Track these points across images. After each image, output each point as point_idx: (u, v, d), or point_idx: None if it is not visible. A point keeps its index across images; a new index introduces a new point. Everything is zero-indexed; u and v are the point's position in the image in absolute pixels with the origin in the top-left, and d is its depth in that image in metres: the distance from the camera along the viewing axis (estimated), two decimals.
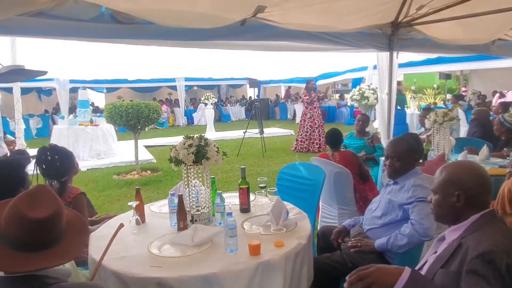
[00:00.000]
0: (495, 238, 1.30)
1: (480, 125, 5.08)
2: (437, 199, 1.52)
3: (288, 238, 1.90)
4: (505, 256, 1.23)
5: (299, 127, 8.85)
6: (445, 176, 1.50)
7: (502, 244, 1.27)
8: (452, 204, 1.45)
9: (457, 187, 1.44)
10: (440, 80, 16.91)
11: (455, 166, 1.53)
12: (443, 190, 1.49)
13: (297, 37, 3.63)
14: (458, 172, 1.48)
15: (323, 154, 3.62)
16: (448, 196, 1.46)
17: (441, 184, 1.50)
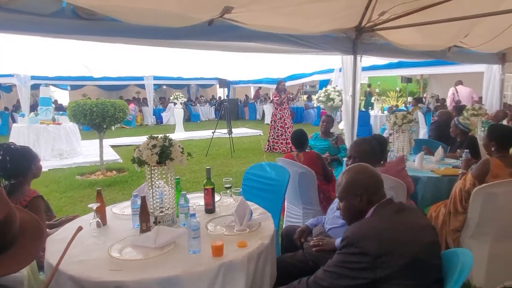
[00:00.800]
0: (360, 225, 1.56)
1: (439, 127, 5.33)
2: (344, 205, 1.74)
3: (251, 238, 1.93)
4: (362, 240, 1.45)
5: (270, 127, 8.93)
6: (346, 182, 1.72)
7: (364, 230, 1.52)
8: (357, 205, 1.68)
9: (358, 189, 1.68)
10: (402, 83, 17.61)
11: (351, 171, 1.76)
12: (347, 195, 1.71)
13: (264, 39, 3.67)
14: (355, 175, 1.72)
15: (288, 155, 3.68)
16: (353, 199, 1.69)
17: (344, 190, 1.72)
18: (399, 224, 1.54)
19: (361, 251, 1.44)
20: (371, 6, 4.02)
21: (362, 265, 1.43)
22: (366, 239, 1.46)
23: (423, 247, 1.46)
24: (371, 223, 1.58)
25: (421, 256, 1.43)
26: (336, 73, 10.43)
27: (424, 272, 1.44)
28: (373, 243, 1.44)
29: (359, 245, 1.45)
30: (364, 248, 1.43)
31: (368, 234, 1.48)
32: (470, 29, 5.71)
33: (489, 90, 8.53)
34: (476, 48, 6.49)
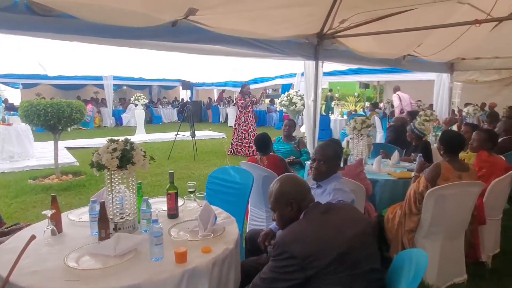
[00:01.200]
0: (288, 231, 1.65)
1: (395, 131, 5.59)
2: (278, 215, 1.82)
3: (215, 243, 1.91)
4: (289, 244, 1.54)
5: (234, 130, 8.91)
6: (275, 194, 1.80)
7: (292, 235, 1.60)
8: (289, 213, 1.77)
9: (287, 198, 1.76)
10: (360, 89, 18.32)
11: (278, 183, 1.83)
12: (279, 205, 1.79)
13: (228, 42, 3.68)
14: (282, 186, 1.80)
15: (252, 158, 3.70)
16: (284, 208, 1.77)
17: (275, 201, 1.80)
18: (325, 224, 1.65)
19: (290, 255, 1.52)
20: (333, 14, 4.15)
21: (293, 267, 1.52)
22: (293, 243, 1.55)
23: (348, 240, 1.56)
24: (297, 227, 1.67)
25: (347, 249, 1.53)
26: (298, 77, 10.66)
27: (354, 264, 1.54)
28: (299, 246, 1.53)
29: (287, 249, 1.54)
30: (292, 252, 1.52)
31: (294, 238, 1.58)
32: (423, 39, 6.06)
33: (439, 97, 9.10)
34: (428, 57, 6.91)
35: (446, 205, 2.72)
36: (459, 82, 10.45)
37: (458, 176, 2.82)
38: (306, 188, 1.84)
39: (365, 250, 1.61)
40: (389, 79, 13.09)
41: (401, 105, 10.41)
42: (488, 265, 3.25)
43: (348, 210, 1.82)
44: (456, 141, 2.97)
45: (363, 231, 1.66)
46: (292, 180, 1.86)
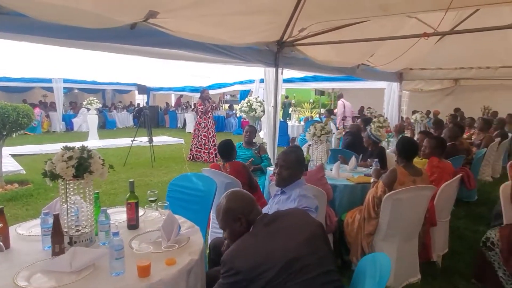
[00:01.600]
0: (231, 248, 1.65)
1: (352, 137, 5.79)
2: (228, 232, 1.82)
3: (180, 254, 1.85)
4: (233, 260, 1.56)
5: (193, 136, 8.78)
6: (223, 211, 1.80)
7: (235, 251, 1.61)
8: (239, 229, 1.76)
9: (235, 214, 1.76)
10: (316, 96, 18.86)
11: (224, 199, 1.84)
12: (227, 223, 1.79)
13: (189, 47, 3.62)
14: (228, 202, 1.81)
15: (215, 165, 3.65)
16: (234, 225, 1.77)
17: (224, 219, 1.80)
18: (269, 234, 1.67)
19: (236, 271, 1.54)
20: (292, 22, 4.23)
21: (241, 283, 1.54)
22: (236, 258, 1.57)
23: (295, 247, 1.59)
24: (240, 242, 1.67)
25: (294, 256, 1.56)
26: (256, 84, 10.73)
27: (304, 270, 1.56)
28: (242, 261, 1.55)
29: (232, 265, 1.55)
30: (237, 268, 1.54)
31: (237, 253, 1.60)
32: (375, 50, 6.38)
33: (389, 105, 9.61)
34: (380, 67, 7.27)
35: (402, 208, 2.85)
36: (406, 91, 11.12)
37: (413, 181, 2.97)
38: (252, 200, 1.84)
39: (315, 254, 1.63)
40: (344, 86, 13.60)
41: (344, 111, 10.90)
42: (438, 264, 3.44)
43: (296, 216, 1.84)
44: (411, 147, 3.13)
45: (312, 235, 1.68)
46: (237, 195, 1.86)
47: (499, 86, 11.17)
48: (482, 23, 5.19)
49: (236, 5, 3.36)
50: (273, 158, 5.15)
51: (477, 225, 4.43)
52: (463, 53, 7.20)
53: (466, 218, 4.69)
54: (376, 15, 4.23)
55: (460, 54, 7.26)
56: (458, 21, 5.84)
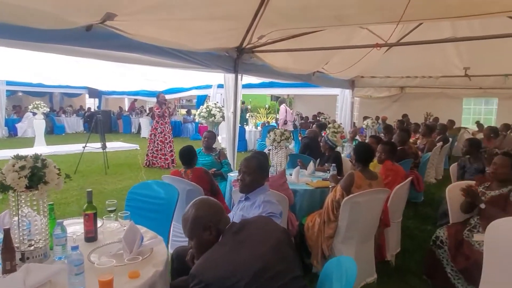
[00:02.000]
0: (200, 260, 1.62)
1: (309, 143, 5.93)
2: (196, 243, 1.74)
3: (144, 266, 1.78)
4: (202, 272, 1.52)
5: (149, 141, 8.52)
6: (192, 219, 1.73)
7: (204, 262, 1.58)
8: (208, 238, 1.70)
9: (204, 223, 1.70)
10: (272, 101, 19.17)
11: (192, 207, 1.78)
12: (196, 231, 1.72)
13: (149, 51, 3.54)
14: (197, 210, 1.74)
15: (176, 172, 3.57)
16: (202, 234, 1.70)
17: (192, 228, 1.73)
18: (237, 244, 1.63)
19: (205, 284, 1.49)
20: (252, 29, 4.29)
21: None
22: (206, 271, 1.53)
23: (263, 256, 1.58)
24: (209, 254, 1.63)
25: (263, 266, 1.55)
26: (214, 89, 10.70)
27: (273, 278, 1.56)
28: (212, 272, 1.51)
29: (202, 278, 1.51)
30: (206, 280, 1.50)
31: (206, 265, 1.56)
32: (329, 58, 6.64)
33: (342, 111, 10.02)
34: (334, 74, 7.57)
35: (359, 211, 2.97)
36: (357, 97, 11.68)
37: (369, 184, 3.11)
38: (221, 208, 1.80)
39: (283, 261, 1.62)
40: (299, 93, 14.03)
41: (286, 116, 11.26)
42: (392, 263, 3.62)
43: (261, 223, 1.81)
44: (367, 152, 3.28)
45: (278, 242, 1.68)
46: (206, 203, 1.81)
47: (440, 94, 12.12)
48: (424, 37, 5.62)
49: (196, 11, 3.34)
50: (233, 163, 5.15)
51: (425, 225, 4.73)
52: (409, 63, 7.73)
53: (415, 218, 4.98)
54: (332, 25, 4.41)
55: (406, 64, 7.78)
56: (404, 33, 6.25)
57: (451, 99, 12.49)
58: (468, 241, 2.90)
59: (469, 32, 5.71)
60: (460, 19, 5.01)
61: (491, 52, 6.35)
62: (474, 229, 2.95)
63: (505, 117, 10.75)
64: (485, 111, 13.41)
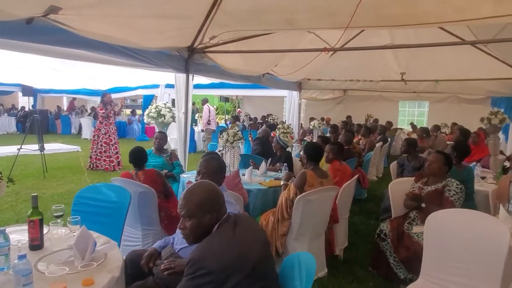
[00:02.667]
0: (201, 247, 1.59)
1: (261, 143, 6.02)
2: (193, 223, 1.66)
3: (98, 273, 1.71)
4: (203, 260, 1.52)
5: (92, 143, 8.08)
6: (198, 199, 1.67)
7: (206, 250, 1.56)
8: (207, 222, 1.66)
9: (209, 206, 1.67)
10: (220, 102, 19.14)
11: (199, 188, 1.74)
12: (199, 212, 1.66)
13: (96, 48, 3.36)
14: (206, 192, 1.71)
15: (126, 174, 3.44)
16: (204, 217, 1.66)
17: (195, 208, 1.66)
18: (237, 237, 1.63)
19: (207, 271, 1.48)
20: (204, 29, 4.26)
21: (210, 285, 1.49)
22: (208, 258, 1.51)
23: (258, 252, 1.62)
24: (211, 242, 1.61)
25: (258, 261, 1.58)
26: (161, 89, 10.42)
27: (265, 274, 1.61)
28: (214, 260, 1.50)
29: (203, 265, 1.49)
30: (209, 268, 1.49)
31: (209, 253, 1.54)
32: (279, 60, 6.81)
33: (290, 112, 10.30)
34: (283, 76, 7.77)
35: (312, 208, 3.09)
36: (304, 99, 12.09)
37: (320, 183, 3.25)
38: (223, 197, 1.78)
39: (270, 258, 1.68)
40: (248, 94, 14.17)
41: (209, 116, 11.47)
42: (340, 257, 3.81)
43: (250, 221, 1.85)
44: (318, 151, 3.42)
45: (265, 241, 1.74)
46: (214, 187, 1.77)
47: (378, 97, 12.95)
48: (366, 43, 5.98)
49: (147, 8, 3.25)
50: (184, 164, 5.07)
51: (369, 219, 5.03)
52: (352, 67, 8.15)
53: (360, 213, 5.28)
54: (283, 28, 4.53)
55: (349, 68, 8.19)
56: (347, 39, 6.59)
57: (389, 102, 13.40)
58: (408, 233, 3.14)
59: (406, 40, 6.18)
60: (398, 28, 5.41)
61: (424, 59, 6.93)
62: (413, 222, 3.21)
63: (435, 119, 11.81)
64: (418, 113, 14.57)
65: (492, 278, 2.22)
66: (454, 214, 2.54)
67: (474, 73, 7.08)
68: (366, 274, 3.44)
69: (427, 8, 3.37)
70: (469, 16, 3.45)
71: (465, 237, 2.37)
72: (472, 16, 3.45)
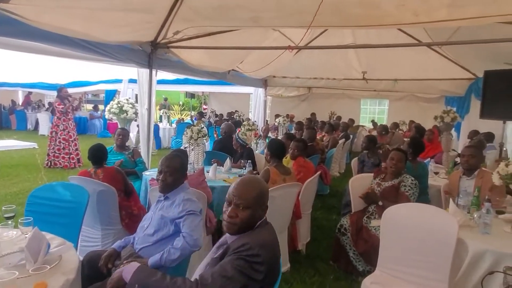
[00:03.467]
0: (256, 236, 1.59)
1: (223, 140, 6.00)
2: (248, 214, 1.61)
3: (52, 276, 1.65)
4: (258, 246, 1.52)
5: (50, 140, 7.69)
6: (257, 192, 1.65)
7: (260, 239, 1.56)
8: (259, 216, 1.65)
9: (264, 201, 1.68)
10: (186, 98, 18.88)
11: (258, 182, 1.73)
12: (257, 205, 1.64)
13: (53, 41, 3.21)
14: (261, 187, 1.71)
15: (84, 172, 3.32)
16: (258, 210, 1.65)
17: (255, 199, 1.63)
18: (275, 238, 1.69)
19: (262, 260, 1.50)
20: (167, 24, 4.18)
21: (259, 272, 1.50)
22: (264, 248, 1.53)
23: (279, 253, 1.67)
24: (264, 235, 1.62)
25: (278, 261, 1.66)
26: (124, 84, 10.12)
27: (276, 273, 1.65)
28: (268, 252, 1.54)
29: (260, 252, 1.50)
30: (264, 257, 1.51)
31: (265, 243, 1.56)
32: (244, 57, 6.82)
33: (256, 109, 10.36)
34: (248, 73, 7.79)
35: (275, 205, 3.09)
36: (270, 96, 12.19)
37: (283, 179, 3.30)
38: None
39: None
40: (214, 90, 14.07)
41: None
42: (303, 252, 3.90)
43: None
44: (281, 148, 3.47)
45: None
46: (263, 183, 1.80)
47: (341, 94, 13.32)
48: (330, 42, 6.12)
49: (108, 1, 3.15)
50: (147, 162, 4.97)
51: (331, 215, 5.18)
52: (316, 66, 8.32)
53: (322, 209, 5.42)
54: (248, 26, 4.53)
55: (313, 66, 8.36)
56: (312, 38, 6.71)
57: (351, 100, 13.80)
58: (366, 227, 3.27)
59: (367, 40, 6.38)
60: (359, 28, 5.58)
61: (384, 59, 7.20)
62: (372, 216, 3.34)
63: (394, 117, 12.31)
64: (378, 110, 15.09)
65: (442, 267, 2.36)
66: (409, 208, 2.67)
67: (429, 73, 7.45)
68: (327, 268, 3.54)
69: (387, 10, 3.50)
70: (425, 19, 3.63)
71: (418, 230, 2.50)
72: (428, 19, 3.63)
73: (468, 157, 3.31)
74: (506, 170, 2.71)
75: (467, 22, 3.50)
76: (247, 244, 1.51)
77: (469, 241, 2.41)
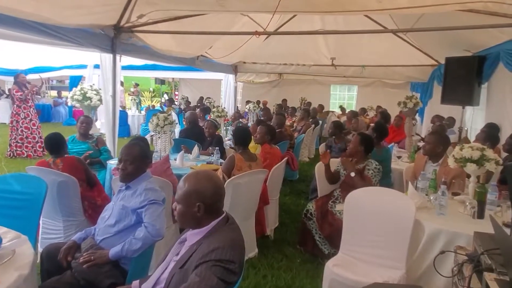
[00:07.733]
0: (223, 238, 1.57)
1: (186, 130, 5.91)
2: (180, 209, 1.63)
3: (3, 272, 1.58)
4: (229, 249, 1.51)
5: (11, 129, 7.31)
6: (188, 187, 1.62)
7: (228, 240, 1.56)
8: (194, 213, 1.61)
9: (197, 198, 1.60)
10: (156, 84, 18.42)
11: (196, 177, 1.67)
12: (185, 201, 1.62)
13: (3, 23, 3.01)
14: (198, 183, 1.63)
15: (42, 162, 3.18)
16: (190, 207, 1.61)
17: (185, 195, 1.62)
18: (240, 234, 1.68)
19: (237, 262, 1.52)
20: (130, 7, 4.04)
21: (235, 274, 1.52)
22: (235, 250, 1.54)
23: None
24: (231, 234, 1.62)
25: None
26: (89, 69, 9.73)
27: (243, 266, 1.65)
28: (239, 252, 1.56)
29: (233, 256, 1.51)
30: (236, 258, 1.52)
31: (234, 244, 1.57)
32: (213, 42, 6.71)
33: (226, 95, 10.29)
34: (217, 59, 7.69)
35: (241, 192, 3.14)
36: (241, 82, 12.13)
37: (249, 166, 3.31)
38: (222, 194, 1.70)
39: None
40: (184, 76, 13.81)
41: None
42: (271, 237, 3.95)
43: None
44: (246, 135, 3.46)
45: None
46: (211, 180, 1.67)
47: (312, 81, 13.44)
48: (299, 28, 6.12)
49: None
50: (113, 150, 4.84)
51: (299, 200, 5.26)
52: (286, 52, 8.32)
53: (291, 194, 5.49)
54: (214, 10, 4.44)
55: (283, 52, 8.36)
56: (281, 23, 6.68)
57: (321, 86, 13.96)
58: (331, 211, 3.35)
59: (335, 27, 6.44)
60: (327, 14, 5.60)
61: (353, 45, 7.29)
62: (336, 201, 3.42)
63: (363, 102, 12.57)
64: (348, 96, 15.36)
65: (400, 247, 2.46)
66: (370, 192, 2.75)
67: (395, 59, 7.64)
68: (294, 252, 3.61)
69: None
70: (388, 6, 3.69)
71: (379, 213, 2.59)
72: (391, 6, 3.70)
73: (426, 143, 3.43)
74: (460, 154, 2.83)
75: (428, 9, 3.60)
76: (218, 249, 1.50)
77: (426, 222, 2.52)
